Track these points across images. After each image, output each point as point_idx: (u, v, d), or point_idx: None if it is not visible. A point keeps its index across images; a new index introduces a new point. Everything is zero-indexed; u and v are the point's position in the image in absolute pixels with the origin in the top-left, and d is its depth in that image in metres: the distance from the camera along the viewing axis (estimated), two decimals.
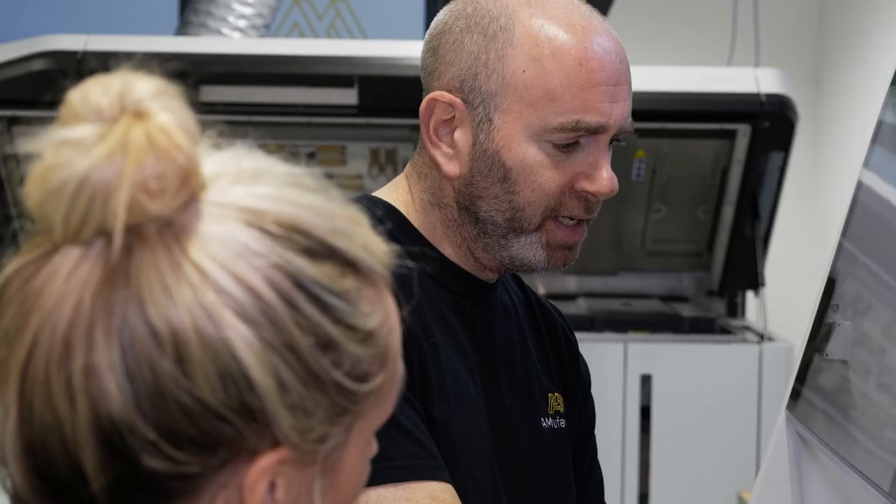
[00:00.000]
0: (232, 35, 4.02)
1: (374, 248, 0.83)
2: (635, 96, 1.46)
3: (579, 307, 4.03)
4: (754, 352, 3.74)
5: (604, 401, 1.67)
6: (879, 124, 1.68)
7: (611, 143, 1.41)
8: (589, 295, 4.11)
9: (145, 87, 0.78)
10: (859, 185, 1.69)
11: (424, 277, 1.40)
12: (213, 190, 0.79)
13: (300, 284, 0.78)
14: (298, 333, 0.78)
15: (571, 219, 1.40)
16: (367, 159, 3.96)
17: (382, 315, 0.83)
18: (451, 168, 1.40)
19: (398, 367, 0.85)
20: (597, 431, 1.62)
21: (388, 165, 3.94)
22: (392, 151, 3.93)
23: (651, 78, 3.66)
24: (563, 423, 1.51)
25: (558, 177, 1.38)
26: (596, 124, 1.37)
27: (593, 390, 1.62)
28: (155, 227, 0.77)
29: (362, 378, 0.81)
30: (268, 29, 4.14)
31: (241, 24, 4.03)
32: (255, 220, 0.79)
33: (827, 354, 1.65)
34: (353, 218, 0.83)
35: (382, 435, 0.86)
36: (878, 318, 1.60)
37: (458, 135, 1.40)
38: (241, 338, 0.76)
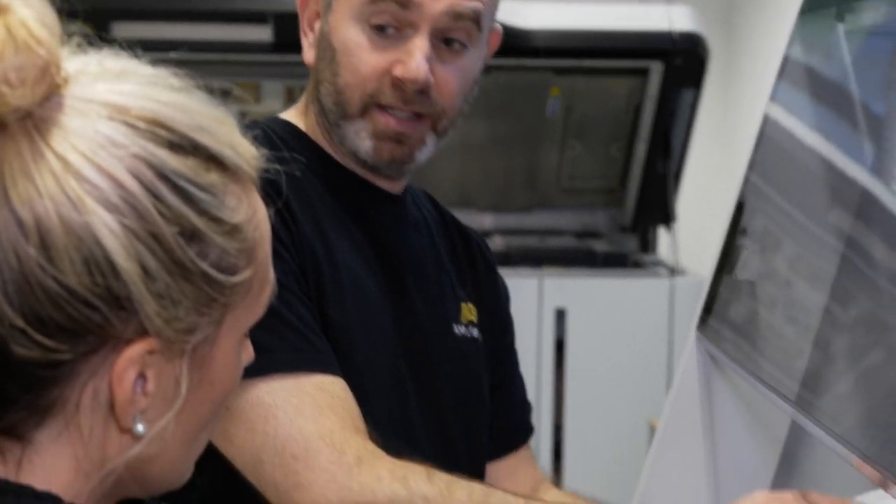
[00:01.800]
0: None
1: (240, 148, 0.86)
2: (549, 34, 1.49)
3: (495, 244, 4.06)
4: (665, 286, 3.80)
5: (519, 335, 1.70)
6: (785, 59, 1.71)
7: (447, 43, 1.42)
8: (504, 231, 4.15)
9: None
10: (765, 120, 1.72)
11: (319, 184, 1.44)
12: (76, 86, 0.82)
13: (163, 175, 0.81)
14: (162, 222, 0.80)
15: (402, 111, 1.43)
16: (282, 97, 3.94)
17: (249, 211, 0.85)
18: (308, 56, 1.47)
19: (268, 266, 0.88)
20: None
21: None
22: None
23: (565, 15, 3.68)
24: (476, 332, 1.55)
25: (374, 60, 1.40)
26: None
27: None
28: (16, 118, 0.78)
29: (229, 270, 0.83)
30: None
31: None
32: (119, 115, 0.81)
33: (736, 275, 1.69)
34: (218, 118, 0.85)
35: (271, 330, 0.88)
36: (783, 251, 1.63)
37: (317, 24, 1.46)
38: (104, 224, 0.79)
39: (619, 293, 3.79)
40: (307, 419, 1.27)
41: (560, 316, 3.73)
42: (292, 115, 1.51)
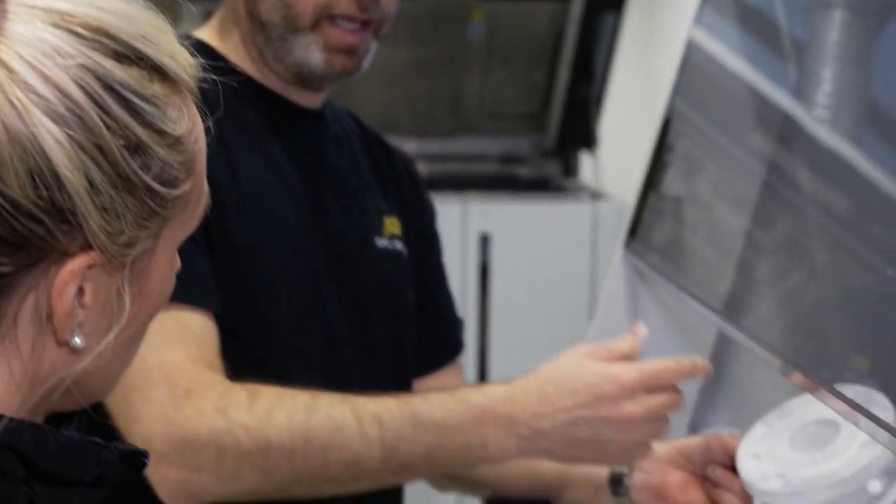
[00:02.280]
0: None
1: (179, 57, 0.85)
2: None
3: (419, 169, 4.05)
4: (588, 210, 3.82)
5: (444, 260, 1.71)
6: None
7: None
8: (428, 157, 4.14)
9: None
10: (689, 44, 1.73)
11: (231, 98, 1.43)
12: None
13: (109, 86, 0.80)
14: (108, 134, 0.79)
15: (353, 21, 1.42)
16: (201, 20, 3.88)
17: (189, 123, 0.85)
18: None
19: (203, 179, 0.88)
20: None
21: None
22: None
23: None
24: (400, 246, 1.55)
25: None
26: None
27: None
28: None
29: (171, 183, 0.83)
30: None
31: None
32: (63, 22, 0.80)
33: (662, 194, 1.71)
34: (159, 26, 0.84)
35: None
36: (707, 175, 1.65)
37: None
38: (50, 135, 0.77)
39: (543, 218, 3.80)
40: (153, 351, 1.25)
41: (484, 241, 3.73)
42: (206, 34, 1.50)
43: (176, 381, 1.28)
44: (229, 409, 1.27)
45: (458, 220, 3.71)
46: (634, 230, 1.73)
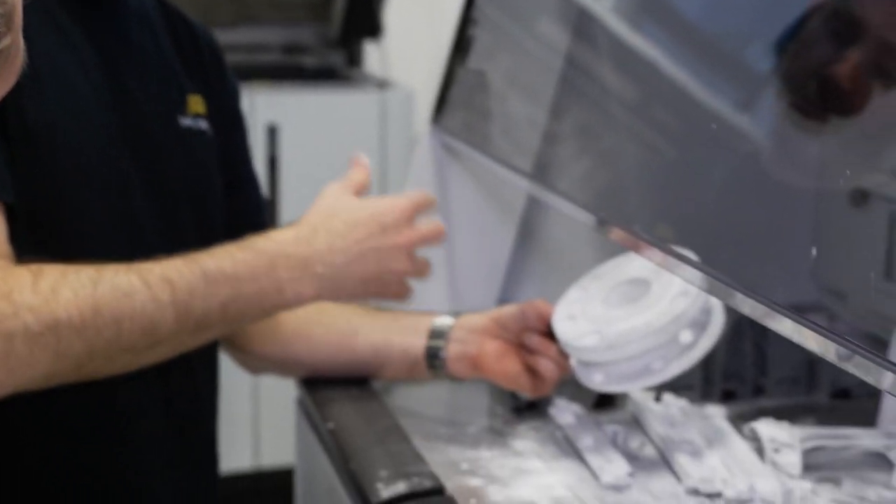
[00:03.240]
0: None
1: None
2: None
3: None
4: (376, 99, 3.81)
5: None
6: None
7: None
8: None
9: None
10: None
11: None
12: None
13: None
14: None
15: None
16: None
17: None
18: None
19: (21, 35, 0.86)
20: None
21: None
22: None
23: None
24: (204, 125, 1.52)
25: None
26: None
27: None
28: None
29: None
30: None
31: None
32: None
33: (469, 65, 1.71)
34: None
35: None
36: (509, 47, 1.66)
37: None
38: None
39: (331, 108, 3.78)
40: None
41: (272, 132, 3.69)
42: None
43: None
44: (13, 292, 1.22)
45: (244, 112, 3.65)
46: (441, 106, 1.73)
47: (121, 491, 1.44)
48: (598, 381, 1.39)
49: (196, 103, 1.52)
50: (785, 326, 1.04)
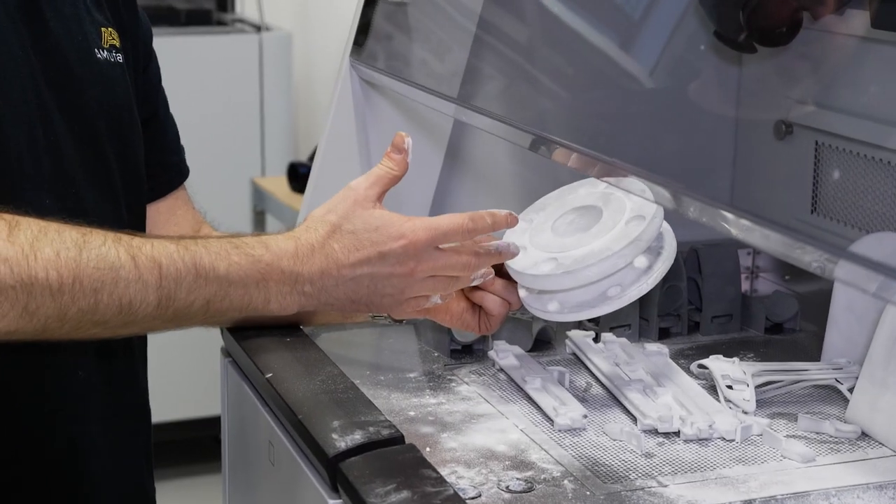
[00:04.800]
0: None
1: None
2: None
3: None
4: (254, 41, 3.72)
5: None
6: None
7: None
8: None
9: None
10: None
11: None
12: None
13: None
14: None
15: None
16: None
17: None
18: None
19: None
20: None
21: None
22: None
23: None
24: (120, 58, 1.47)
25: None
26: None
27: None
28: None
29: None
30: None
31: None
32: None
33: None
34: None
35: None
36: None
37: None
38: None
39: (208, 52, 3.68)
40: None
41: None
42: None
43: None
44: None
45: None
46: (361, 38, 1.66)
47: (55, 442, 1.40)
48: (552, 310, 1.34)
49: (110, 36, 1.49)
50: (737, 225, 1.02)
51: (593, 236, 1.33)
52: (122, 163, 1.45)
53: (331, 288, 1.30)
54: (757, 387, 1.37)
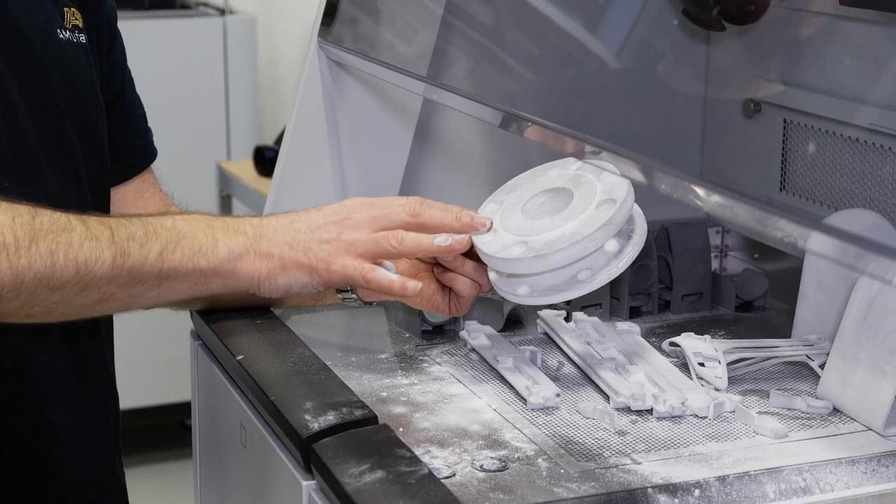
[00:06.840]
0: None
1: None
2: None
3: None
4: (218, 25, 3.70)
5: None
6: None
7: None
8: None
9: None
10: None
11: None
12: None
13: None
14: None
15: None
16: None
17: None
18: None
19: None
20: None
21: None
22: None
23: None
24: (83, 38, 1.46)
25: None
26: None
27: None
28: None
29: None
30: None
31: None
32: None
33: None
34: None
35: None
36: None
37: None
38: None
39: (171, 35, 3.66)
40: None
41: None
42: None
43: None
44: None
45: None
46: (329, 20, 1.65)
47: (22, 428, 1.38)
48: (523, 294, 1.33)
49: (73, 16, 1.47)
50: (710, 200, 1.02)
51: (564, 219, 1.32)
52: (86, 145, 1.44)
53: (270, 234, 1.31)
54: (728, 364, 1.37)
